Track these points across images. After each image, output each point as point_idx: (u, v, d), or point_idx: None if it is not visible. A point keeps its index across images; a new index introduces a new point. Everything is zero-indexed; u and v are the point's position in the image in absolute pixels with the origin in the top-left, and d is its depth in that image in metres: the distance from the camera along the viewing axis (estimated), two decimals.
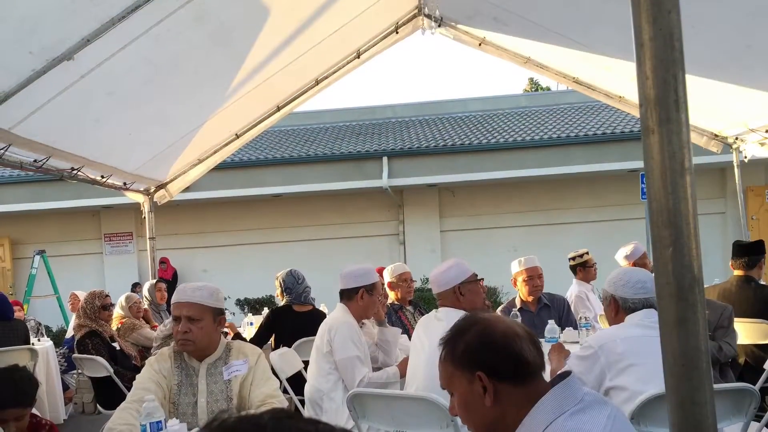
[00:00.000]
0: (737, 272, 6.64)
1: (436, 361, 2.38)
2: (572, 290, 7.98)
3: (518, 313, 6.66)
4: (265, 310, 8.83)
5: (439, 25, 8.18)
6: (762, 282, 6.70)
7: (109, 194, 12.06)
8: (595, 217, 18.58)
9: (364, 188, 18.09)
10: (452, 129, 20.49)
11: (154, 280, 9.78)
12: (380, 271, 7.37)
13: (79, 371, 7.36)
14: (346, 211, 19.13)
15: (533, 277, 6.89)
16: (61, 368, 9.15)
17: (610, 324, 4.17)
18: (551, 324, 6.11)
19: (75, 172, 7.06)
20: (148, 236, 9.96)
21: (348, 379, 5.07)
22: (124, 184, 8.57)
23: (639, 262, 7.38)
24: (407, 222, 19.20)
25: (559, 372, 2.33)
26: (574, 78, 8.87)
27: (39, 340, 8.99)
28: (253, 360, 4.05)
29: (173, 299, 4.02)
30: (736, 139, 9.05)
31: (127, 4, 4.57)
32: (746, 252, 6.61)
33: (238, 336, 7.56)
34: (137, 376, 4.00)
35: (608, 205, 18.50)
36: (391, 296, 7.31)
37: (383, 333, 5.83)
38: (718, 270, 14.91)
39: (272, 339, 7.13)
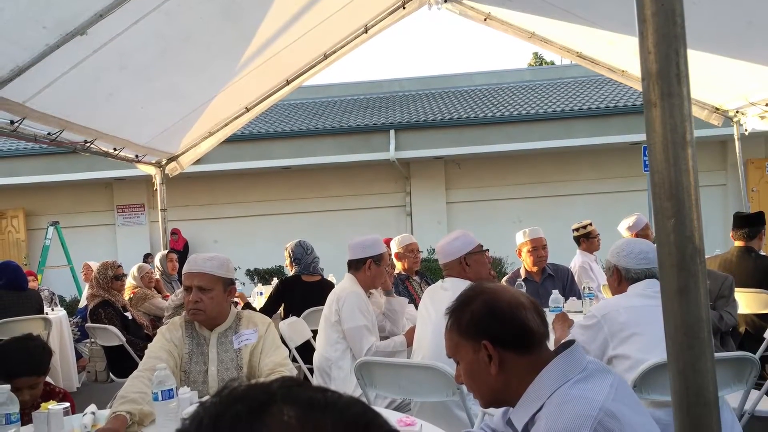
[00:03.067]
0: (738, 243, 6.68)
1: (443, 330, 2.41)
2: (576, 261, 8.02)
3: (523, 283, 6.71)
4: (275, 280, 8.88)
5: (445, 1, 8.18)
6: (762, 253, 6.74)
7: (122, 166, 12.11)
8: (598, 189, 18.59)
9: (371, 161, 18.09)
10: (458, 102, 20.46)
11: (166, 251, 9.81)
12: (387, 242, 7.42)
13: (92, 340, 7.42)
14: (354, 183, 19.14)
15: (537, 248, 6.93)
16: (74, 337, 9.19)
17: (613, 294, 4.20)
18: (555, 294, 6.13)
19: (88, 144, 7.09)
20: (159, 208, 9.99)
21: (356, 348, 5.12)
22: (136, 156, 8.59)
23: (641, 233, 7.40)
24: (414, 194, 19.19)
25: (563, 341, 2.37)
26: (577, 52, 8.88)
27: (53, 309, 9.02)
28: (263, 329, 4.06)
29: (184, 269, 4.05)
30: (737, 112, 9.05)
31: None
32: (746, 223, 6.65)
33: (248, 306, 7.62)
34: (149, 345, 4.01)
35: (611, 177, 18.51)
36: (398, 266, 7.35)
37: (390, 303, 5.89)
38: (718, 241, 14.96)
39: (281, 308, 7.19)
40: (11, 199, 19.44)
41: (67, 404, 3.50)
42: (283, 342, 4.48)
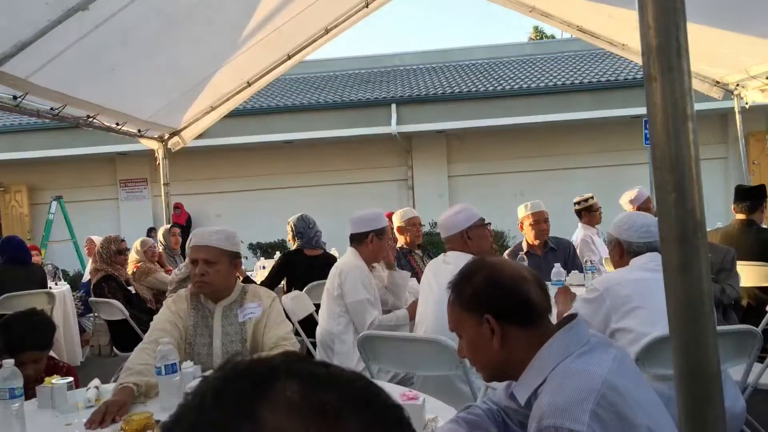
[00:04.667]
0: (739, 216, 6.68)
1: (445, 304, 2.41)
2: (578, 234, 8.03)
3: (525, 257, 6.72)
4: (277, 254, 8.90)
5: None
6: (763, 226, 6.74)
7: (125, 141, 12.08)
8: (599, 163, 18.57)
9: (373, 135, 18.07)
10: (459, 76, 20.43)
11: (169, 225, 9.83)
12: (389, 215, 7.42)
13: (96, 315, 7.45)
14: (356, 158, 19.13)
15: (539, 221, 6.93)
16: (77, 312, 9.23)
17: (615, 267, 4.21)
18: (557, 267, 6.12)
19: (90, 120, 7.09)
20: (162, 182, 10.01)
21: (358, 322, 5.14)
22: (139, 131, 8.60)
23: (643, 206, 7.38)
24: (416, 168, 19.19)
25: (565, 315, 2.37)
26: (577, 26, 8.86)
27: (56, 284, 9.06)
28: (267, 303, 4.08)
29: (190, 242, 4.07)
30: (737, 85, 9.03)
31: None
32: (748, 196, 6.64)
33: (247, 280, 7.63)
34: (155, 317, 4.05)
35: (612, 151, 18.49)
36: (400, 240, 7.37)
37: (393, 277, 5.88)
38: (720, 214, 14.94)
39: (284, 282, 7.21)
40: (14, 174, 19.46)
41: (71, 379, 3.52)
42: (287, 316, 4.50)
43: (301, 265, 7.13)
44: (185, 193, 18.53)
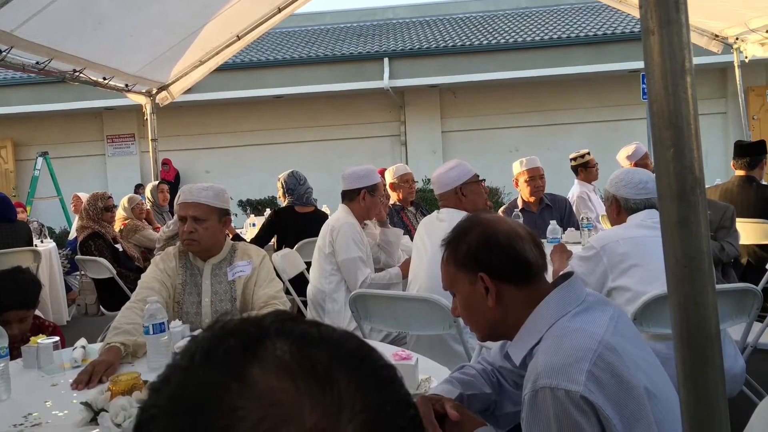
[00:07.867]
0: (739, 172, 6.63)
1: (439, 262, 2.37)
2: (574, 191, 7.97)
3: (520, 213, 6.68)
4: (267, 211, 8.86)
5: None
6: (763, 182, 6.69)
7: (112, 96, 12.01)
8: (596, 118, 18.52)
9: (365, 89, 17.98)
10: (453, 30, 20.32)
11: (157, 182, 9.78)
12: (382, 172, 7.38)
13: (82, 273, 7.41)
14: (348, 112, 19.06)
15: (535, 177, 6.89)
16: (64, 270, 9.19)
17: (612, 224, 4.19)
18: (553, 224, 6.09)
19: (77, 74, 7.03)
20: (150, 138, 9.95)
21: (350, 280, 5.10)
22: (126, 85, 8.54)
23: (641, 162, 7.34)
24: (408, 123, 19.13)
25: (561, 273, 2.33)
26: None
27: (42, 241, 9.01)
28: (258, 261, 4.06)
29: (179, 199, 4.04)
30: (737, 39, 8.98)
31: None
32: (748, 152, 6.59)
33: (237, 237, 7.58)
34: (142, 275, 4.01)
35: (609, 106, 18.42)
36: (393, 197, 7.33)
37: (385, 234, 5.85)
38: (719, 170, 14.95)
39: (274, 240, 7.17)
40: None
41: (57, 338, 3.50)
42: (277, 275, 4.46)
43: (292, 222, 7.09)
44: (174, 149, 18.47)
